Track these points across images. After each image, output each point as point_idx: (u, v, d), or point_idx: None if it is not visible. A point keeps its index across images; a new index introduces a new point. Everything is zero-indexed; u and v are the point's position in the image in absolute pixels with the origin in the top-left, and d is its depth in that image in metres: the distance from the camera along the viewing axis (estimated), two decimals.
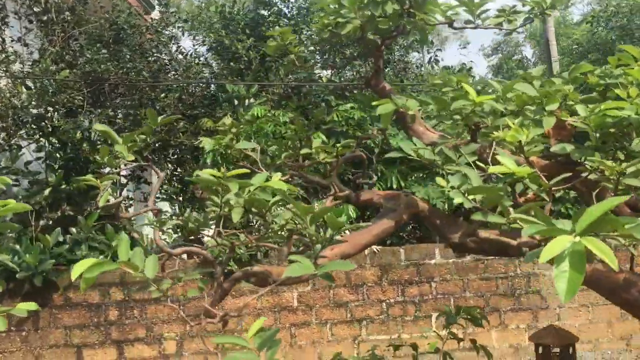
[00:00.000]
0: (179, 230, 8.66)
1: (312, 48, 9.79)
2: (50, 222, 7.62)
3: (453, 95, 2.23)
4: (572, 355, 4.08)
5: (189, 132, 8.31)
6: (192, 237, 8.49)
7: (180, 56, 9.63)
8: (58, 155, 8.02)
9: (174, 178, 9.26)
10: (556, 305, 8.28)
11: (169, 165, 9.29)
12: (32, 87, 7.67)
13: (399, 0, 2.41)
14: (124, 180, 8.89)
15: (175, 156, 8.95)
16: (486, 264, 8.21)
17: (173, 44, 9.60)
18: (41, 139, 7.85)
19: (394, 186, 8.32)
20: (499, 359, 8.02)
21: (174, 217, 7.54)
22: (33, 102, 7.53)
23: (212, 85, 8.86)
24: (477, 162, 2.08)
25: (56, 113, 7.78)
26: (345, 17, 2.50)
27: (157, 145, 8.72)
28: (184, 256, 8.76)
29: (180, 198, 8.99)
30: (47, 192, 7.52)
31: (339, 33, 2.52)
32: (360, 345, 7.96)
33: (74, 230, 7.51)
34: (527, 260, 1.51)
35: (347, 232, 3.31)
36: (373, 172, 3.08)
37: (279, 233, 2.45)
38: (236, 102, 8.51)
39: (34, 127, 7.66)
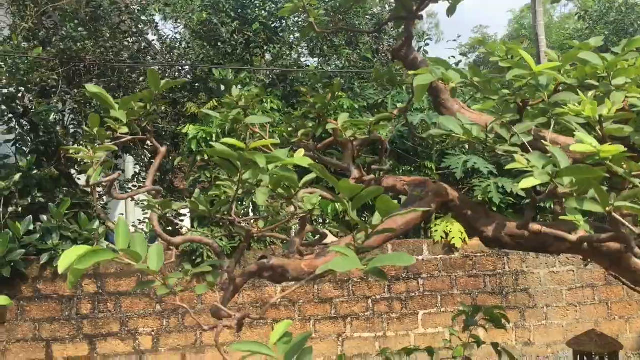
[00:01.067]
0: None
1: (298, 35, 9.44)
2: (20, 209, 7.15)
3: (504, 66, 1.94)
4: None
5: (169, 117, 7.90)
6: (170, 228, 8.11)
7: (161, 39, 9.22)
8: (29, 138, 7.55)
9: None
10: (544, 304, 8.11)
11: (147, 152, 8.86)
12: (3, 66, 7.17)
13: None
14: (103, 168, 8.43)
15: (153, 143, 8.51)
16: (474, 261, 8.00)
17: (152, 26, 9.17)
18: (11, 120, 7.35)
19: None
20: (484, 358, 7.80)
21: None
22: (3, 81, 7.04)
23: (196, 70, 8.45)
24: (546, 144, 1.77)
25: (28, 93, 7.29)
26: None
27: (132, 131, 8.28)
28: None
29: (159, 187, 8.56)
30: (17, 177, 7.06)
31: None
32: (345, 342, 7.68)
33: (44, 218, 7.07)
34: None
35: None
36: (386, 159, 2.77)
37: (291, 222, 2.15)
38: (222, 87, 8.11)
39: (4, 107, 7.17)
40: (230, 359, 1.84)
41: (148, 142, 7.80)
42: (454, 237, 7.82)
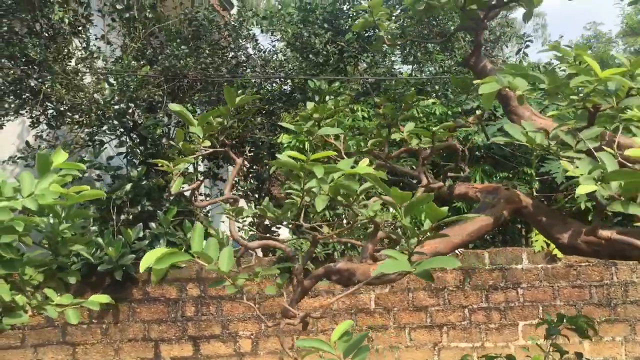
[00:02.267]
0: (254, 227, 8.59)
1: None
2: (131, 217, 7.69)
3: (571, 72, 1.91)
4: None
5: (266, 128, 8.20)
6: (268, 235, 8.38)
7: (258, 53, 9.59)
8: (138, 150, 8.10)
9: (250, 175, 9.19)
10: None
11: (245, 162, 9.22)
12: (115, 84, 7.77)
13: None
14: (200, 177, 8.92)
15: (252, 153, 8.87)
16: (579, 271, 7.64)
17: (251, 40, 9.58)
18: (123, 134, 7.94)
19: None
20: None
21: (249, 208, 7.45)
22: (115, 98, 7.62)
23: (293, 81, 8.72)
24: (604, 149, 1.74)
25: (137, 109, 7.85)
26: None
27: (233, 141, 8.67)
28: (260, 253, 8.68)
29: (256, 195, 8.91)
30: (128, 187, 7.59)
31: (437, 4, 2.24)
32: (441, 352, 7.58)
33: (153, 225, 7.55)
34: None
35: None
36: (465, 165, 2.76)
37: (364, 227, 2.21)
38: (316, 97, 8.32)
39: (116, 122, 7.76)
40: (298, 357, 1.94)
41: (247, 150, 8.08)
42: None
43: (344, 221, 7.52)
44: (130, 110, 7.78)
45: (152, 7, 8.12)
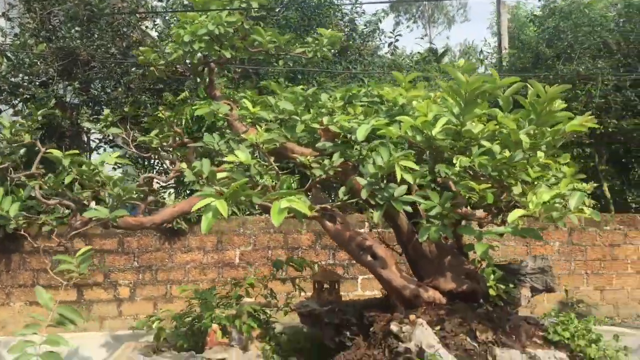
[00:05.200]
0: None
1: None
2: (24, 179, 8.66)
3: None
4: (337, 289, 5.75)
5: (150, 105, 9.30)
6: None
7: (157, 34, 10.60)
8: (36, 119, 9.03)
9: (143, 144, 10.27)
10: None
11: (139, 132, 10.30)
12: (12, 58, 8.66)
13: (212, 39, 3.41)
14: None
15: (143, 125, 9.94)
16: None
17: (150, 22, 10.57)
18: (17, 105, 8.87)
19: None
20: None
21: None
22: (12, 72, 8.52)
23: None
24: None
25: (32, 83, 8.78)
26: (172, 48, 3.53)
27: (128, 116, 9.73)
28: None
29: (145, 162, 10.07)
30: (22, 152, 8.56)
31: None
32: (293, 299, 9.03)
33: (45, 186, 8.56)
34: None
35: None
36: None
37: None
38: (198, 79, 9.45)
39: (12, 94, 8.67)
40: None
41: (140, 124, 9.03)
42: None
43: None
44: (25, 84, 8.70)
45: None
